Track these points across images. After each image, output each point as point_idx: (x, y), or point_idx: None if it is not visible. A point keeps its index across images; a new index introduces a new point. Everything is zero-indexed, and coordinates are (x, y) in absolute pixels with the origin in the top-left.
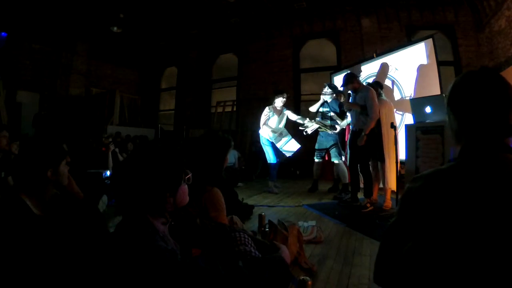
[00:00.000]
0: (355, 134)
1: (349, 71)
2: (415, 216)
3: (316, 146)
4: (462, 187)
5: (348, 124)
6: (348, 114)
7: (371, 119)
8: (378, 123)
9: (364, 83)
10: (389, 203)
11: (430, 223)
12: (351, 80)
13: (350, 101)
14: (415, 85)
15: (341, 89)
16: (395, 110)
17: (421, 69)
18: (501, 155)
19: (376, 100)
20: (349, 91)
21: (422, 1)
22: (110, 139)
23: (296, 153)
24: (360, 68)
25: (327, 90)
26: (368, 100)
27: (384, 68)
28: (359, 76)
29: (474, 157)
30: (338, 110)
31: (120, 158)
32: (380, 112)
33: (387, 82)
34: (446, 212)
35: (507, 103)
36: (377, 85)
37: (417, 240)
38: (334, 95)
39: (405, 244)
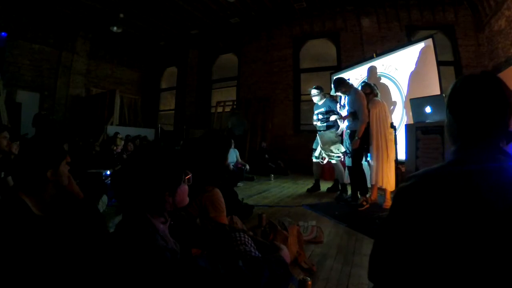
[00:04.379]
0: (350, 135)
1: (337, 77)
2: (407, 214)
3: (314, 146)
4: (451, 187)
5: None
6: (340, 123)
7: (361, 122)
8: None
9: (362, 84)
10: (389, 202)
11: (421, 221)
12: (340, 85)
13: (341, 102)
14: (408, 85)
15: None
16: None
17: (421, 69)
18: (494, 157)
19: (363, 101)
20: (340, 94)
21: (422, 1)
22: (123, 141)
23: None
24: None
25: (313, 92)
26: (355, 104)
27: (372, 71)
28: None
29: (467, 159)
30: (336, 109)
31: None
32: (370, 112)
33: (385, 81)
34: (435, 212)
35: (506, 108)
36: (370, 84)
37: (409, 238)
38: (327, 95)
39: (398, 242)
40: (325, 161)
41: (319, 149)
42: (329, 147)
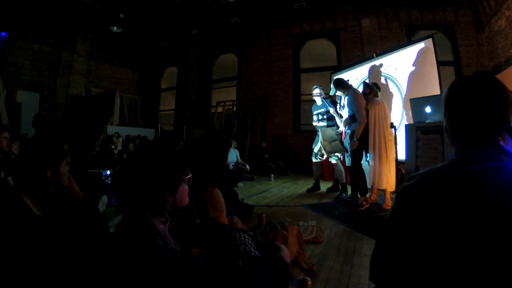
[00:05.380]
0: (350, 135)
1: (336, 77)
2: (409, 214)
3: (314, 145)
4: (454, 187)
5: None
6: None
7: (359, 123)
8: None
9: (362, 84)
10: (389, 202)
11: (423, 221)
12: (339, 85)
13: (340, 103)
14: (408, 85)
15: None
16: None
17: (421, 69)
18: (496, 157)
19: (361, 103)
20: (339, 95)
21: (422, 1)
22: (121, 139)
23: None
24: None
25: (316, 91)
26: (353, 105)
27: (373, 70)
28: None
29: (469, 159)
30: (335, 109)
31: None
32: (369, 112)
33: (385, 81)
34: (438, 212)
35: (502, 105)
36: (375, 86)
37: (412, 237)
38: (325, 95)
39: (400, 242)
40: (324, 158)
41: (319, 145)
42: (328, 144)
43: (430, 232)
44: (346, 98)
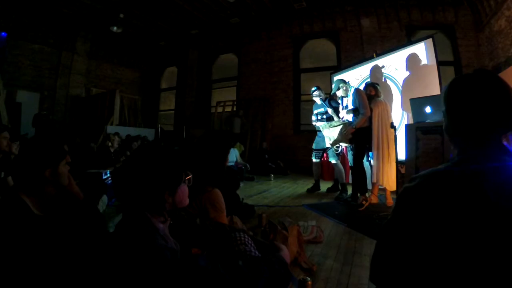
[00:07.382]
0: (353, 134)
1: (338, 78)
2: (411, 215)
3: (314, 146)
4: (455, 188)
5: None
6: (345, 115)
7: (362, 115)
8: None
9: (364, 84)
10: (389, 202)
11: (425, 223)
12: (342, 82)
13: (343, 104)
14: (408, 85)
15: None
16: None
17: (421, 69)
18: (498, 157)
19: (364, 97)
20: (340, 96)
21: (422, 1)
22: (117, 136)
23: None
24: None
25: (315, 93)
26: (357, 100)
27: (374, 71)
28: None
29: (470, 159)
30: (333, 109)
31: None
32: (372, 112)
33: (385, 81)
34: (439, 213)
35: (505, 104)
36: (374, 85)
37: (413, 239)
38: (327, 95)
39: (401, 243)
40: (338, 148)
41: (328, 141)
42: (337, 135)
43: (432, 233)
44: (351, 97)
